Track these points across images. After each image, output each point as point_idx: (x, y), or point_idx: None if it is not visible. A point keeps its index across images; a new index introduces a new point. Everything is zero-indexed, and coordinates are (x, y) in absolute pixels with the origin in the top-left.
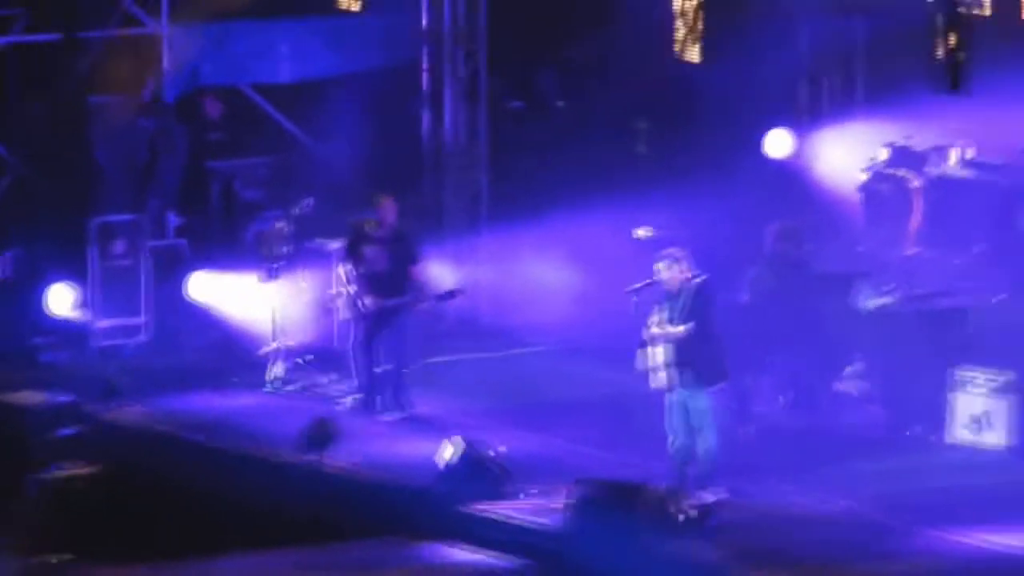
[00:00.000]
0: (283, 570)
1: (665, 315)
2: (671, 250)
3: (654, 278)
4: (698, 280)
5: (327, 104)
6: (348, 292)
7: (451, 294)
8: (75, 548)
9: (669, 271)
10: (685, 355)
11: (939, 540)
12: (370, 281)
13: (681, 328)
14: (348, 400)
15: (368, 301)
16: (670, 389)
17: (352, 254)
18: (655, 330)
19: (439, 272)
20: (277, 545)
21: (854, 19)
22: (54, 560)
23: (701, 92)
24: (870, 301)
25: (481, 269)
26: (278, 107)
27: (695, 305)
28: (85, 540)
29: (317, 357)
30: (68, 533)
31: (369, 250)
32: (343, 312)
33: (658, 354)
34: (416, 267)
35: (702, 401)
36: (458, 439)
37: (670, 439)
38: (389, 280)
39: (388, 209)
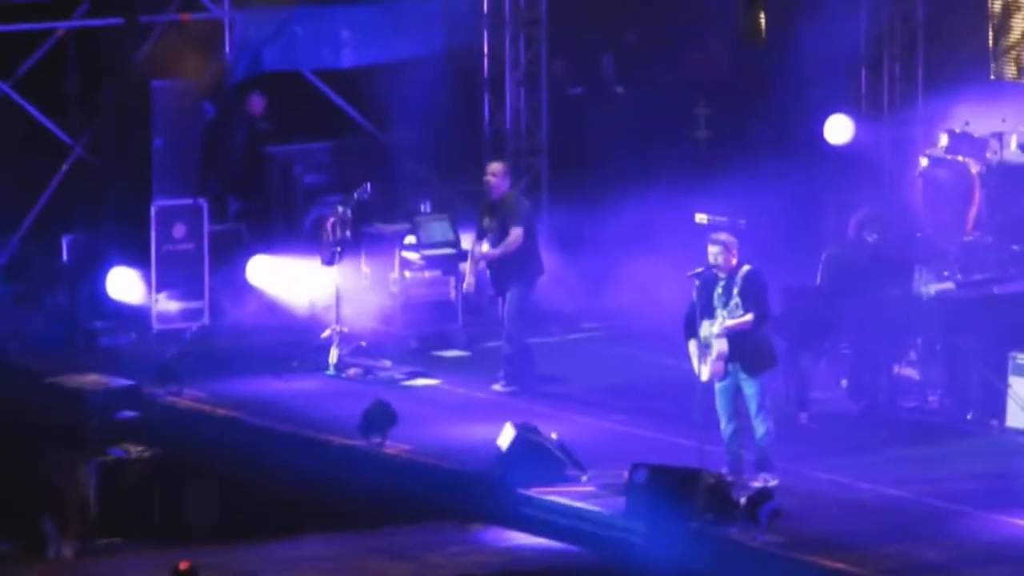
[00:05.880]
0: (341, 553)
1: (720, 302)
2: (720, 235)
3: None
4: (745, 269)
5: (388, 89)
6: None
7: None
8: (132, 531)
9: (719, 256)
10: (736, 343)
11: (997, 524)
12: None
13: (735, 321)
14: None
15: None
16: (722, 379)
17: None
18: (708, 329)
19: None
20: (335, 528)
21: (915, 4)
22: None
23: (761, 77)
24: (930, 286)
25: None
26: (339, 92)
27: (744, 294)
28: (143, 523)
29: (377, 341)
30: (126, 516)
31: (484, 219)
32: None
33: (713, 346)
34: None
35: (754, 387)
36: (517, 423)
37: (722, 425)
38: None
39: (494, 175)
